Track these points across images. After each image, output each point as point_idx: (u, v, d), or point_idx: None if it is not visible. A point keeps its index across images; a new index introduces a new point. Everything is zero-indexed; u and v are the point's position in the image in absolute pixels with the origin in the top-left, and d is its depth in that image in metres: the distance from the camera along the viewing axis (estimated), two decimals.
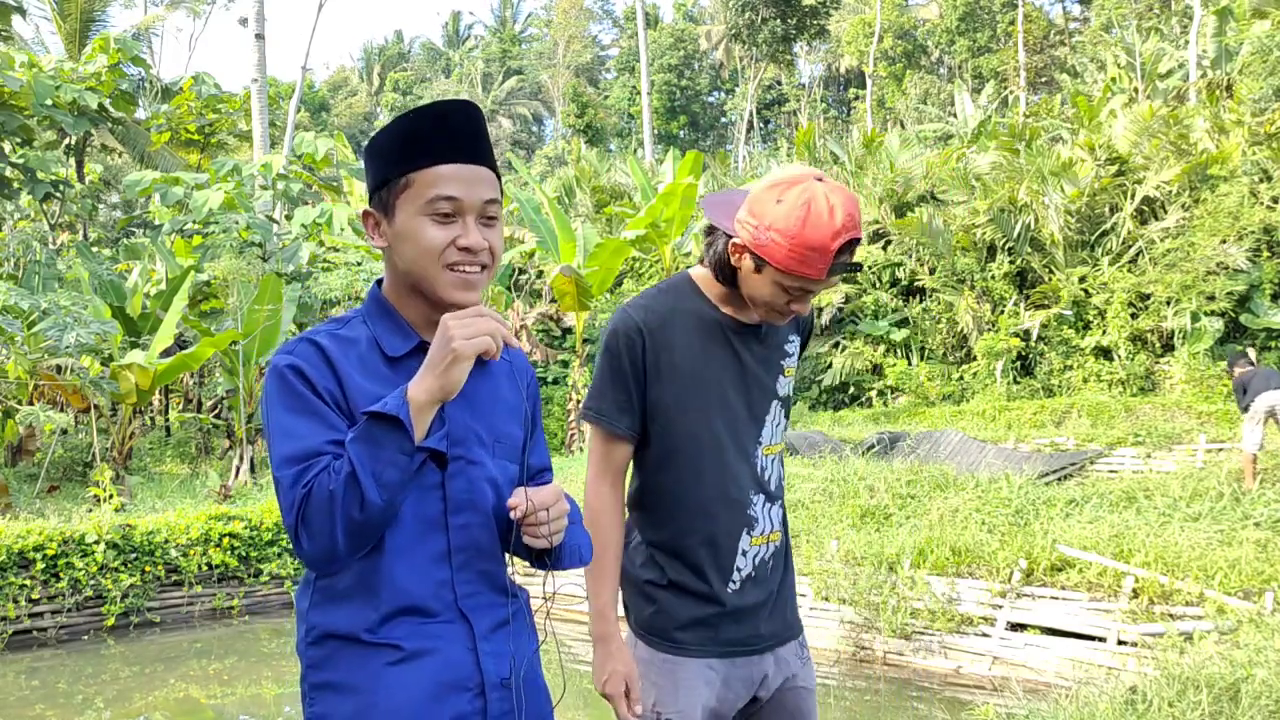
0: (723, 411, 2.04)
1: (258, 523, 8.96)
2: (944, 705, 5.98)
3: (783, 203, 1.89)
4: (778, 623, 2.13)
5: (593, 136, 35.49)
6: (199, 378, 17.16)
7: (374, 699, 1.49)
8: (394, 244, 1.57)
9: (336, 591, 1.52)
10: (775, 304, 1.97)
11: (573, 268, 15.22)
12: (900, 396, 17.43)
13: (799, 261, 1.88)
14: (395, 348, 1.58)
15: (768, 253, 1.90)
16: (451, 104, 1.59)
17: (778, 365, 2.14)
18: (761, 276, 1.95)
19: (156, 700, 6.78)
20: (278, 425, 1.47)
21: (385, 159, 1.58)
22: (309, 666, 1.53)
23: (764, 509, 2.10)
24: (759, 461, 2.10)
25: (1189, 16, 24.94)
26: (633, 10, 43.60)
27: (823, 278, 1.90)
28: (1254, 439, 9.32)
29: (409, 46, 67.52)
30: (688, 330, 2.04)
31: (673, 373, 2.02)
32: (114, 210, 26.13)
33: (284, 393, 1.49)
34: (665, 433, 2.03)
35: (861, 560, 7.22)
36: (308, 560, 1.44)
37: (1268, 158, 15.15)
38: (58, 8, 21.42)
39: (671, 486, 2.05)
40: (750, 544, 2.07)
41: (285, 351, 1.53)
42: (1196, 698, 4.07)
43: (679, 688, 2.00)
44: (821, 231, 1.85)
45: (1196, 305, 14.45)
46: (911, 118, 34.16)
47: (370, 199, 1.61)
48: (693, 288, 2.09)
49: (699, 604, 2.04)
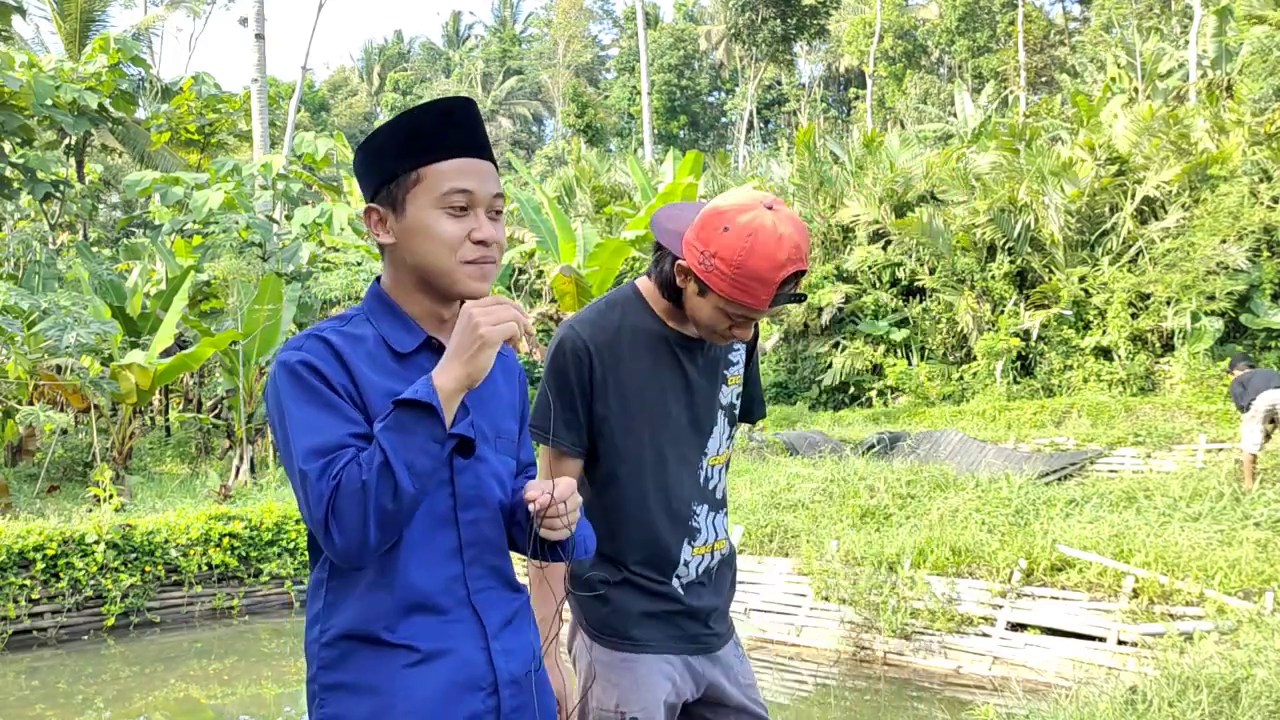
0: (667, 426, 2.06)
1: (258, 523, 8.96)
2: (944, 705, 5.98)
3: (729, 231, 1.87)
4: (723, 624, 2.19)
5: (593, 136, 35.50)
6: (199, 378, 17.16)
7: (392, 700, 1.49)
8: (403, 239, 1.57)
9: (352, 590, 1.51)
10: (716, 328, 1.99)
11: (573, 268, 15.22)
12: (900, 396, 17.44)
13: (741, 291, 1.88)
14: (404, 344, 1.58)
15: (711, 280, 1.91)
16: (455, 100, 1.61)
17: (721, 375, 2.16)
18: (704, 300, 1.96)
19: (156, 700, 6.78)
20: (297, 420, 1.45)
21: (391, 154, 1.57)
22: (321, 667, 1.52)
23: (707, 518, 2.13)
24: (704, 472, 2.13)
25: (1189, 16, 24.93)
26: (633, 10, 43.60)
27: (765, 308, 1.91)
28: (1254, 438, 9.32)
29: (409, 46, 67.53)
30: (635, 346, 2.05)
31: (619, 390, 2.03)
32: (114, 210, 26.14)
33: (299, 388, 1.47)
34: (610, 448, 2.05)
35: (861, 560, 7.22)
36: (338, 554, 1.42)
37: (1268, 158, 15.16)
38: (58, 8, 21.42)
39: (616, 500, 2.06)
40: (692, 554, 2.10)
41: (293, 348, 1.51)
42: (1197, 698, 4.07)
43: (640, 685, 2.01)
44: (766, 264, 1.85)
45: (1196, 305, 14.46)
46: (911, 118, 34.17)
47: (373, 195, 1.60)
48: (639, 301, 2.10)
49: (653, 599, 2.07)
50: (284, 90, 38.84)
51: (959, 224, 17.34)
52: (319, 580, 1.55)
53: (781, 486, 9.28)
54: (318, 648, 1.53)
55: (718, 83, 52.93)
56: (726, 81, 51.83)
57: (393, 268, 1.62)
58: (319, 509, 1.40)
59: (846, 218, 19.00)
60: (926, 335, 17.77)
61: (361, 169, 1.62)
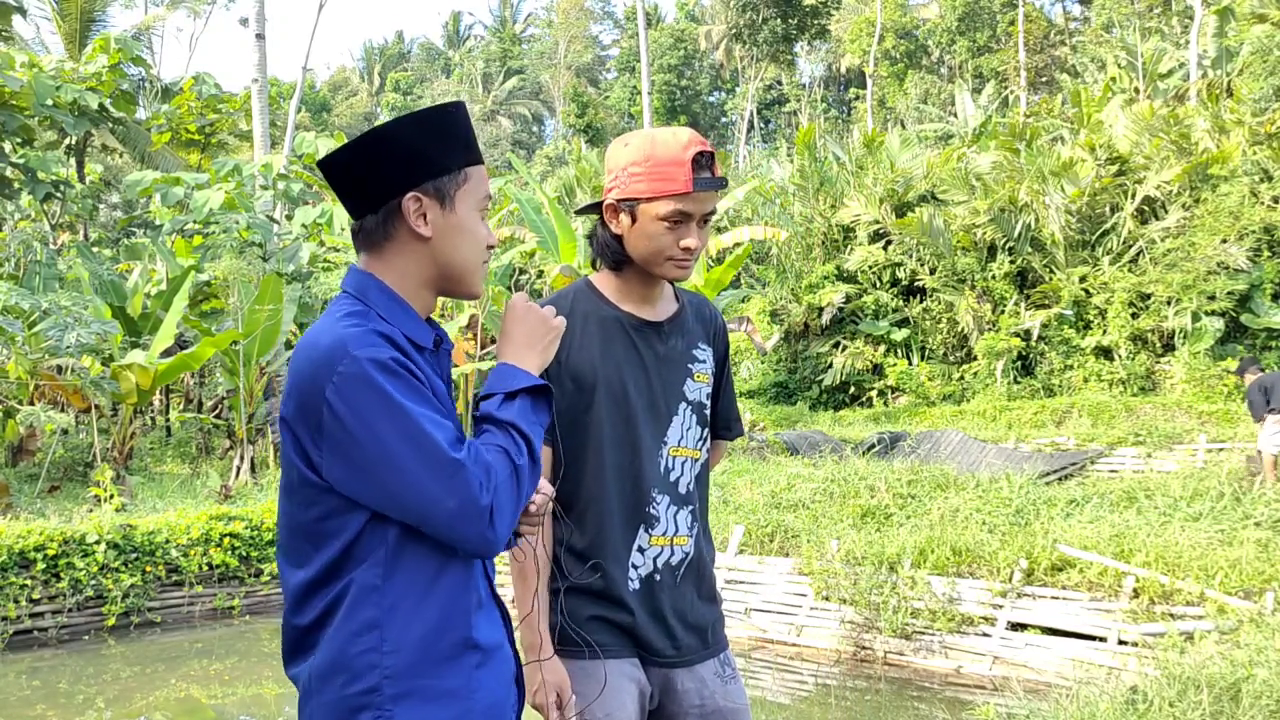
0: (623, 406, 2.04)
1: (258, 523, 8.96)
2: (944, 705, 5.98)
3: (629, 145, 2.01)
4: (694, 639, 2.10)
5: (593, 136, 35.52)
6: (199, 378, 17.15)
7: (470, 704, 1.49)
8: (445, 235, 1.56)
9: (423, 591, 1.47)
10: (664, 248, 1.99)
11: (573, 268, 15.21)
12: (901, 396, 17.44)
13: (661, 180, 1.94)
14: (425, 339, 1.58)
15: (633, 190, 1.97)
16: (464, 105, 1.64)
17: (685, 368, 2.13)
18: (639, 225, 2.00)
19: (157, 700, 6.78)
20: (420, 415, 1.42)
21: (445, 149, 1.55)
22: (387, 677, 1.45)
23: (668, 509, 2.07)
24: (663, 460, 2.08)
25: (1189, 16, 24.93)
26: (633, 10, 43.58)
27: (690, 190, 1.95)
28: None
29: (409, 47, 67.56)
30: (587, 328, 2.06)
31: (573, 370, 2.03)
32: (114, 210, 26.13)
33: (403, 384, 1.44)
34: (569, 431, 2.03)
35: (862, 560, 7.22)
36: (488, 544, 1.42)
37: (1268, 157, 15.16)
38: (58, 8, 21.43)
39: (572, 485, 2.03)
40: (649, 542, 2.05)
41: (370, 345, 1.45)
42: (1197, 698, 4.07)
43: (604, 692, 1.98)
44: (671, 147, 1.96)
45: (1197, 305, 14.46)
46: (912, 117, 34.17)
47: (417, 183, 1.54)
48: (590, 289, 2.12)
49: (605, 605, 2.02)
50: (284, 90, 38.86)
51: (959, 224, 17.34)
52: (370, 586, 1.46)
53: (782, 486, 9.28)
54: (378, 656, 1.45)
55: (718, 83, 52.95)
56: (727, 81, 51.85)
57: (408, 260, 1.57)
58: (484, 496, 1.40)
59: (847, 218, 19.00)
60: (927, 335, 17.77)
61: (400, 153, 1.54)
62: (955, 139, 26.45)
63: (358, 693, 1.45)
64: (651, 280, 2.08)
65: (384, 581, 1.46)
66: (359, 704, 1.45)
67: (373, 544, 1.46)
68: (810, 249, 19.64)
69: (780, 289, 19.40)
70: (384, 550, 1.47)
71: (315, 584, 1.49)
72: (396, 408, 1.41)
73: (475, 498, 1.39)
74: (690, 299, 2.22)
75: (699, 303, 2.24)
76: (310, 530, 1.49)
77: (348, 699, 1.46)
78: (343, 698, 1.46)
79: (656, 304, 2.13)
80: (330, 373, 1.43)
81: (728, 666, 2.14)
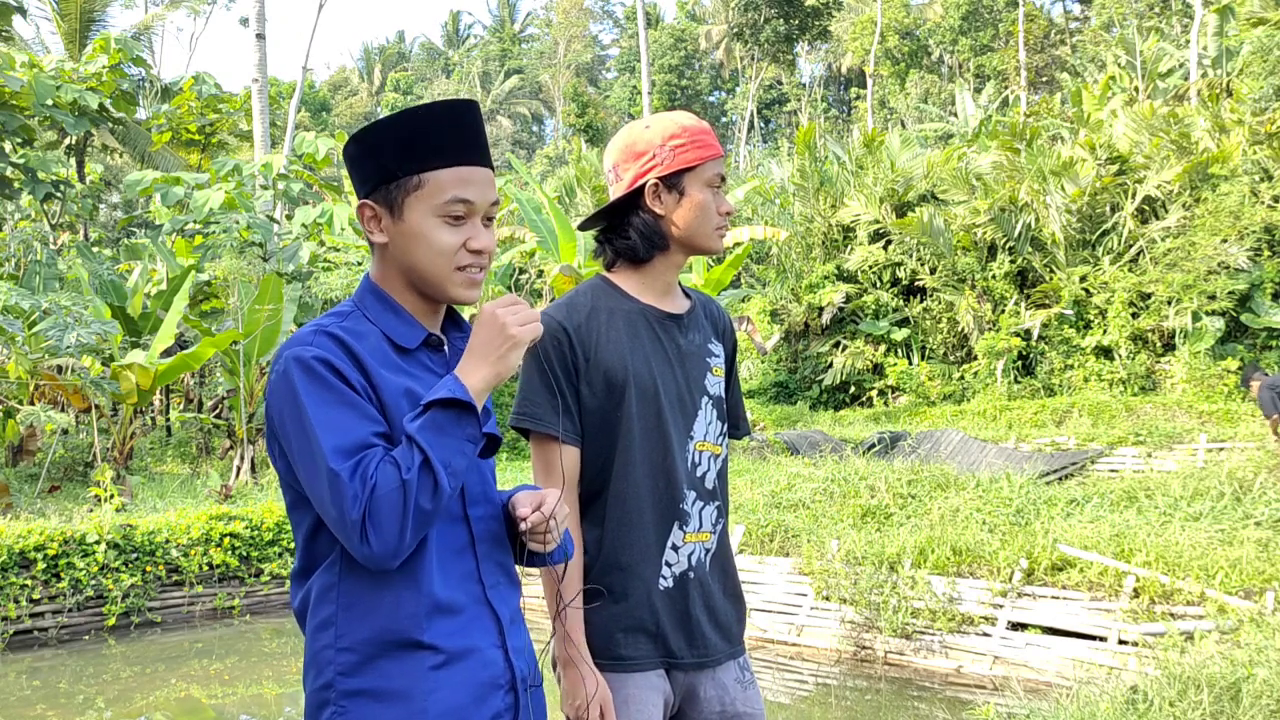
0: (654, 401, 2.01)
1: (258, 523, 8.96)
2: (945, 705, 5.98)
3: (650, 126, 2.05)
4: (719, 637, 2.07)
5: (593, 136, 35.49)
6: (200, 378, 17.15)
7: (423, 704, 1.46)
8: (398, 241, 1.55)
9: (373, 593, 1.47)
10: (710, 216, 2.05)
11: (573, 268, 15.21)
12: (901, 396, 17.44)
13: (701, 147, 2.03)
14: (408, 339, 1.56)
15: (679, 161, 2.02)
16: (459, 103, 1.58)
17: (705, 361, 2.12)
18: (688, 197, 2.03)
19: (157, 700, 6.78)
20: (318, 419, 1.41)
21: (391, 154, 1.54)
22: (340, 674, 1.47)
23: (695, 505, 2.05)
24: (690, 455, 2.05)
25: (1189, 16, 24.92)
26: (633, 10, 43.57)
27: (721, 152, 2.07)
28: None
29: (409, 46, 67.56)
30: (612, 322, 2.03)
31: (601, 365, 2.00)
32: (114, 210, 26.14)
33: (316, 385, 1.43)
34: (599, 429, 2.00)
35: (862, 560, 7.22)
36: (372, 557, 1.39)
37: (1268, 157, 15.15)
38: (58, 8, 21.42)
39: (604, 482, 2.00)
40: (684, 540, 2.03)
41: (303, 344, 1.47)
42: (1197, 697, 4.07)
43: (629, 705, 1.95)
44: (690, 117, 2.08)
45: (1197, 305, 14.45)
46: (912, 117, 34.17)
47: (368, 192, 1.57)
48: (608, 285, 2.10)
49: (631, 612, 1.98)
50: (284, 90, 38.82)
51: (959, 223, 17.33)
52: (328, 584, 1.49)
53: (782, 486, 9.28)
54: (333, 653, 1.48)
55: (718, 83, 52.95)
56: (727, 81, 51.85)
57: (384, 264, 1.59)
58: (354, 510, 1.37)
59: (847, 217, 18.99)
60: (927, 335, 17.77)
61: (355, 161, 1.58)
62: (955, 138, 26.44)
63: (319, 688, 1.49)
64: (675, 268, 2.10)
65: (339, 580, 1.49)
66: (321, 699, 1.49)
67: (328, 539, 1.49)
68: (810, 249, 19.64)
69: (780, 289, 19.40)
70: (338, 547, 1.48)
71: (297, 575, 1.56)
72: (300, 408, 1.43)
73: (346, 510, 1.37)
74: (698, 297, 2.21)
75: (706, 300, 2.23)
76: (291, 522, 1.55)
77: (315, 694, 1.50)
78: (313, 692, 1.51)
79: (676, 298, 2.13)
80: (272, 369, 1.50)
81: (746, 671, 2.13)
